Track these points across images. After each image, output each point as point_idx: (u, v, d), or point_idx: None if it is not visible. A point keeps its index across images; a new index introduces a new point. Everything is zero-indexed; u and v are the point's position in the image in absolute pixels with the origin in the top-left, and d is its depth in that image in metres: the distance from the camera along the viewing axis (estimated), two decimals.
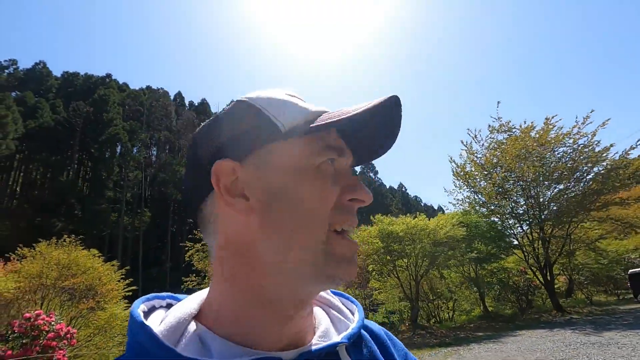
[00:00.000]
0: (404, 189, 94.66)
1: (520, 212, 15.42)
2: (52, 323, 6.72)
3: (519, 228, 15.81)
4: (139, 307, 0.43)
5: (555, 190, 14.51)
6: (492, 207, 15.82)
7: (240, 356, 0.38)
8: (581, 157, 13.53)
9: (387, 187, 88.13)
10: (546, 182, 14.69)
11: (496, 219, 16.13)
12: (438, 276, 15.87)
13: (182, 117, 62.96)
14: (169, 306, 0.47)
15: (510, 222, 15.48)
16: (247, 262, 0.41)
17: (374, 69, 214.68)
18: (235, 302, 0.41)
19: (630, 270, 15.11)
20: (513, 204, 15.66)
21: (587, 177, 13.88)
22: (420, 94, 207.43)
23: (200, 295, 0.47)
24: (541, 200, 15.11)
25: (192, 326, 0.41)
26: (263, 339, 0.40)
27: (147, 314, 0.43)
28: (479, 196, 16.11)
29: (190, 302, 0.44)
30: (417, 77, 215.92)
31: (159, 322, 0.41)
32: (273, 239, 0.40)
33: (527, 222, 15.45)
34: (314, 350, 0.41)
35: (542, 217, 14.92)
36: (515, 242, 15.98)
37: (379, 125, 0.46)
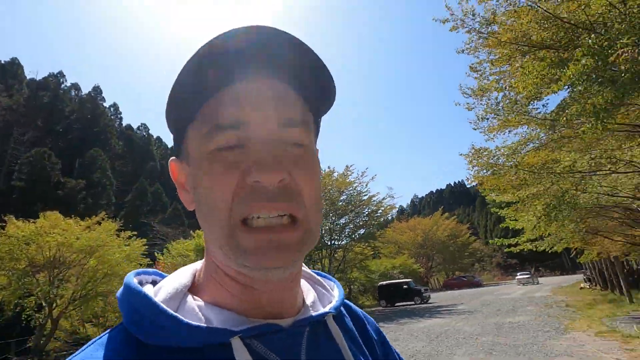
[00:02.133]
0: None
1: None
2: None
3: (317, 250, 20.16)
4: (133, 279, 0.43)
5: (339, 223, 19.37)
6: None
7: (242, 324, 0.39)
8: (357, 200, 18.71)
9: None
10: (337, 215, 19.43)
11: None
12: None
13: None
14: (153, 283, 0.47)
15: None
16: (206, 242, 0.43)
17: None
18: (210, 274, 0.43)
19: (379, 283, 21.14)
20: None
21: (362, 216, 19.24)
22: None
23: (192, 268, 0.48)
24: (335, 227, 19.80)
25: (189, 297, 0.42)
26: (251, 309, 0.41)
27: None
28: None
29: (184, 275, 0.45)
30: None
31: (153, 295, 0.41)
32: (204, 229, 0.41)
33: (322, 246, 19.91)
34: (306, 319, 0.44)
35: (332, 242, 19.61)
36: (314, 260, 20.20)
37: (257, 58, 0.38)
